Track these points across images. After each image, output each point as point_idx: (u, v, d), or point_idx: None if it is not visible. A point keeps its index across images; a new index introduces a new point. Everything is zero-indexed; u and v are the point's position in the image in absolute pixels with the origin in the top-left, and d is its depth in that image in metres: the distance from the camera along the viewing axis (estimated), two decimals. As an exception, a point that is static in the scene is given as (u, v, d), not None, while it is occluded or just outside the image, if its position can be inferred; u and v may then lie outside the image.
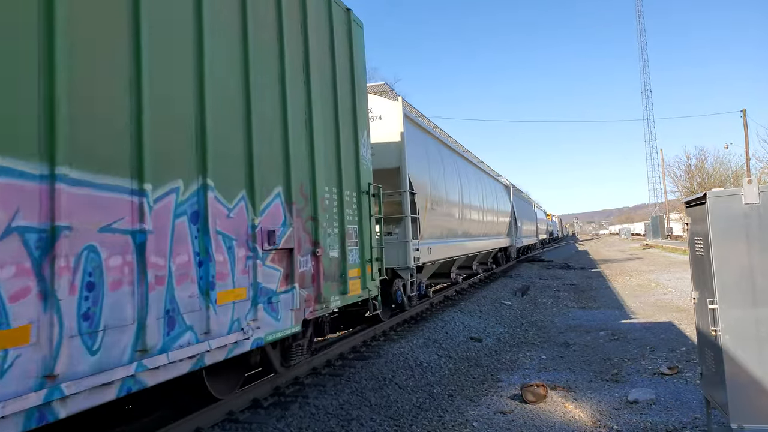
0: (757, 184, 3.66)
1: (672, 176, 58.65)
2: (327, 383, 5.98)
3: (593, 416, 5.45)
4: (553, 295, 15.60)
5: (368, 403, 5.62)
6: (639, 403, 5.76)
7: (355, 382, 6.08)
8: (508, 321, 11.28)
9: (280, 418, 4.87)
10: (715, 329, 3.73)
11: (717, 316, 3.70)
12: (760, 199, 3.64)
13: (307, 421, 4.93)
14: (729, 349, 3.64)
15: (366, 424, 5.05)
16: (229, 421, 4.79)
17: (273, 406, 5.22)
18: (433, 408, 5.71)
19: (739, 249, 3.66)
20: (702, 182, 50.67)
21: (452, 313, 10.92)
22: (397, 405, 5.71)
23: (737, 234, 3.68)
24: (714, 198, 3.76)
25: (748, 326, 3.62)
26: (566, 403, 5.87)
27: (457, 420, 5.35)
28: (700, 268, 4.10)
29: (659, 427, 5.08)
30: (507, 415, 5.48)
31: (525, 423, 5.25)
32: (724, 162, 51.26)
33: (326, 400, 5.42)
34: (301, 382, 5.99)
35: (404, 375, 6.73)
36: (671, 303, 12.78)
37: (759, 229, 3.63)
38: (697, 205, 4.08)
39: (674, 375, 6.74)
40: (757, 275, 3.62)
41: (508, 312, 12.27)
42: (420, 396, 6.08)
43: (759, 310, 3.60)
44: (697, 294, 4.22)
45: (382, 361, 7.02)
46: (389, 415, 5.38)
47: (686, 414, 5.37)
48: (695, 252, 4.21)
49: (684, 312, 11.25)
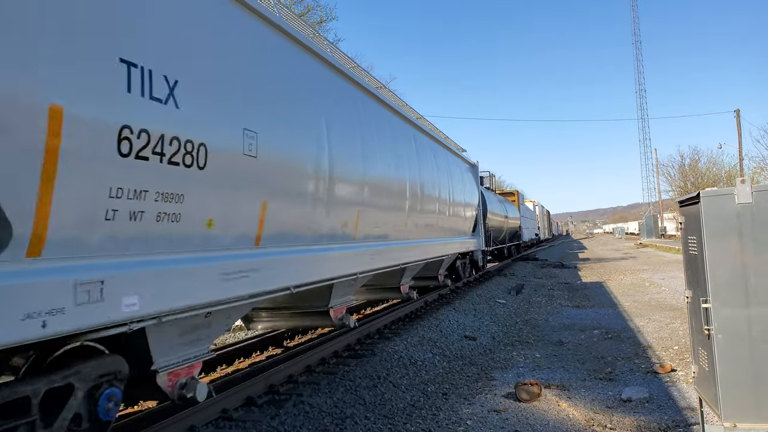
0: (750, 184, 3.68)
1: (666, 176, 59.02)
2: (321, 381, 5.97)
3: (587, 414, 5.46)
4: (548, 293, 15.64)
5: (362, 401, 5.62)
6: (632, 401, 5.79)
7: (349, 381, 6.08)
8: (503, 319, 11.30)
9: (274, 416, 4.86)
10: (708, 328, 3.75)
11: (710, 315, 3.72)
12: (753, 198, 3.66)
13: (301, 419, 4.92)
14: (722, 348, 3.66)
15: (360, 423, 5.05)
16: (223, 419, 4.78)
17: (267, 404, 5.21)
18: (428, 406, 5.71)
19: (732, 248, 3.68)
20: (695, 182, 50.98)
21: (446, 311, 10.93)
22: (392, 403, 5.71)
23: (730, 233, 3.69)
24: (707, 197, 3.77)
25: (741, 325, 3.63)
26: (560, 401, 5.89)
27: (451, 418, 5.36)
28: (693, 267, 4.12)
29: (652, 425, 5.11)
30: (501, 413, 5.49)
31: (519, 421, 5.26)
32: (717, 162, 51.63)
33: (320, 399, 5.42)
34: (295, 380, 5.98)
35: (398, 373, 6.73)
36: (665, 302, 12.84)
37: (752, 228, 3.65)
38: (690, 204, 4.10)
39: (668, 373, 6.77)
40: (750, 275, 3.64)
41: (503, 310, 12.29)
42: (414, 394, 6.08)
43: (752, 309, 3.62)
44: (691, 293, 4.24)
45: (377, 360, 7.01)
46: (383, 414, 5.38)
47: (679, 412, 5.40)
48: (689, 251, 4.23)
49: (677, 311, 11.30)
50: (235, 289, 4.12)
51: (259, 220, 4.51)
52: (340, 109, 6.34)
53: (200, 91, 3.70)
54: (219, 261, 3.98)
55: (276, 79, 4.88)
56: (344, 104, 6.55)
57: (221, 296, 3.97)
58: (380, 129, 7.79)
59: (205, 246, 3.90)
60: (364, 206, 6.82)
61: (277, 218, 4.80)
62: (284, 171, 4.87)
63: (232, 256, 4.16)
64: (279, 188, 4.78)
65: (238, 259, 4.21)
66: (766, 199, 3.64)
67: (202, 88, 3.74)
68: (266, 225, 4.62)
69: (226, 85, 4.04)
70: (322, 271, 5.71)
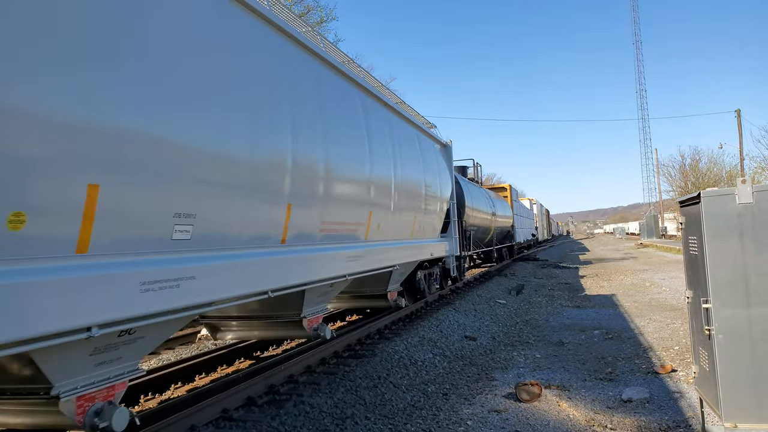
0: (750, 184, 3.68)
1: (666, 176, 59.08)
2: (321, 381, 5.97)
3: (587, 415, 5.46)
4: (548, 294, 15.64)
5: (363, 401, 5.62)
6: (633, 401, 5.78)
7: (349, 381, 6.07)
8: (503, 320, 11.30)
9: (274, 416, 4.86)
10: (708, 328, 3.75)
11: (711, 315, 3.71)
12: (754, 198, 3.66)
13: (301, 419, 4.92)
14: (722, 348, 3.66)
15: (360, 423, 5.05)
16: (224, 419, 4.78)
17: (267, 404, 5.20)
18: (428, 406, 5.71)
19: (733, 248, 3.68)
20: (696, 182, 50.98)
21: (447, 311, 10.92)
22: (392, 403, 5.71)
23: (731, 233, 3.69)
24: (708, 198, 3.77)
25: (742, 325, 3.63)
26: (560, 401, 5.89)
27: (451, 418, 5.35)
28: (694, 267, 4.11)
29: (653, 425, 5.10)
30: (501, 413, 5.49)
31: (519, 421, 5.26)
32: (718, 162, 51.64)
33: (321, 399, 5.42)
34: (296, 380, 5.98)
35: (399, 373, 6.73)
36: (665, 302, 12.83)
37: (753, 228, 3.65)
38: (691, 204, 4.09)
39: (668, 374, 6.77)
40: (750, 275, 3.63)
41: (503, 311, 12.29)
42: (414, 394, 6.08)
43: (752, 309, 3.62)
44: (691, 293, 4.23)
45: (377, 360, 7.01)
46: (384, 414, 5.38)
47: (680, 413, 5.39)
48: (689, 251, 4.22)
49: (678, 311, 11.30)
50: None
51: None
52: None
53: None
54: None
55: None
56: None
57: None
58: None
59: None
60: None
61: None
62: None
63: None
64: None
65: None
66: (766, 199, 3.64)
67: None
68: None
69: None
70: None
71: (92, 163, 3.03)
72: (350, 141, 6.61)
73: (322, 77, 6.10)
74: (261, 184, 4.73)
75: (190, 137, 3.78)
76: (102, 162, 3.08)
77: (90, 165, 3.01)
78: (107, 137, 3.11)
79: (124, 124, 3.22)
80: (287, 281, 5.24)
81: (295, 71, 5.50)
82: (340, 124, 6.36)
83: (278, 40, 5.25)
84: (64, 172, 2.88)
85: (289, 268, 5.29)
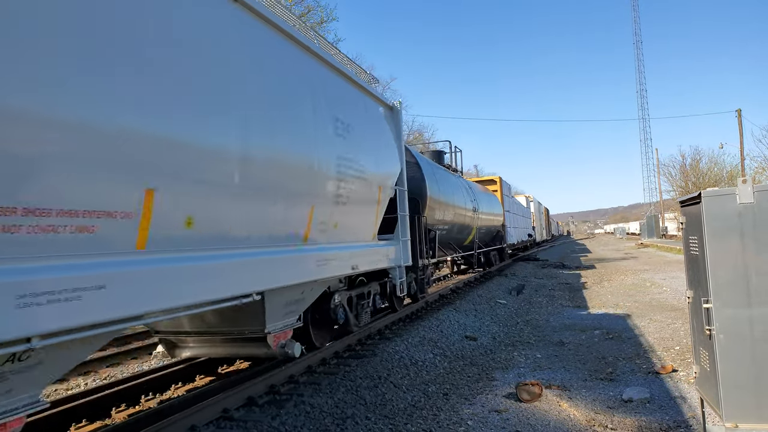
0: (751, 184, 3.67)
1: (667, 176, 59.07)
2: (322, 381, 5.97)
3: (588, 415, 5.46)
4: (548, 294, 15.63)
5: (363, 401, 5.62)
6: (633, 401, 5.78)
7: (350, 381, 6.07)
8: (504, 320, 11.30)
9: (275, 416, 4.86)
10: (709, 328, 3.74)
11: (711, 315, 3.71)
12: (755, 198, 3.65)
13: (302, 419, 4.92)
14: (723, 348, 3.65)
15: (361, 423, 5.05)
16: (224, 418, 4.78)
17: (268, 404, 5.20)
18: (428, 406, 5.71)
19: (734, 248, 3.67)
20: (697, 182, 50.94)
21: (447, 311, 10.92)
22: (392, 403, 5.71)
23: (732, 233, 3.68)
24: (709, 197, 3.76)
25: (743, 325, 3.63)
26: (561, 401, 5.88)
27: (452, 419, 5.35)
28: (694, 267, 4.11)
29: (653, 425, 5.10)
30: (502, 413, 5.48)
31: (520, 421, 5.26)
32: (718, 161, 51.61)
33: (321, 399, 5.42)
34: (296, 381, 5.98)
35: (399, 373, 6.72)
36: (666, 302, 12.82)
37: (753, 228, 3.64)
38: (692, 204, 4.09)
39: (669, 374, 6.76)
40: (751, 275, 3.63)
41: (504, 311, 12.28)
42: (415, 394, 6.08)
43: (753, 309, 3.61)
44: (692, 293, 4.23)
45: (377, 360, 7.01)
46: (384, 414, 5.38)
47: (680, 413, 5.39)
48: (690, 251, 4.22)
49: (679, 311, 11.29)
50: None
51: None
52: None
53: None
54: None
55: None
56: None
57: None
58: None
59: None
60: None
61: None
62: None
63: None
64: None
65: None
66: (767, 199, 3.64)
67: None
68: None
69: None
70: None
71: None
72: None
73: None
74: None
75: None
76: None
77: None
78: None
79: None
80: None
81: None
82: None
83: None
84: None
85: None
